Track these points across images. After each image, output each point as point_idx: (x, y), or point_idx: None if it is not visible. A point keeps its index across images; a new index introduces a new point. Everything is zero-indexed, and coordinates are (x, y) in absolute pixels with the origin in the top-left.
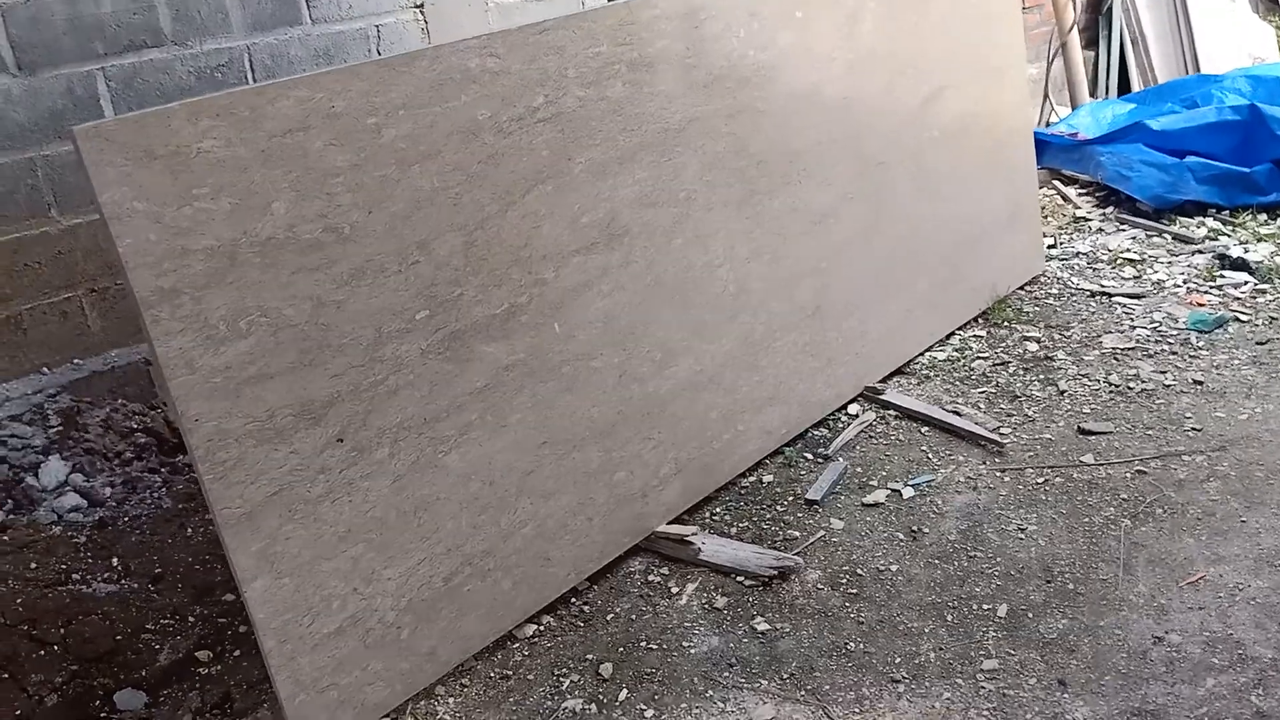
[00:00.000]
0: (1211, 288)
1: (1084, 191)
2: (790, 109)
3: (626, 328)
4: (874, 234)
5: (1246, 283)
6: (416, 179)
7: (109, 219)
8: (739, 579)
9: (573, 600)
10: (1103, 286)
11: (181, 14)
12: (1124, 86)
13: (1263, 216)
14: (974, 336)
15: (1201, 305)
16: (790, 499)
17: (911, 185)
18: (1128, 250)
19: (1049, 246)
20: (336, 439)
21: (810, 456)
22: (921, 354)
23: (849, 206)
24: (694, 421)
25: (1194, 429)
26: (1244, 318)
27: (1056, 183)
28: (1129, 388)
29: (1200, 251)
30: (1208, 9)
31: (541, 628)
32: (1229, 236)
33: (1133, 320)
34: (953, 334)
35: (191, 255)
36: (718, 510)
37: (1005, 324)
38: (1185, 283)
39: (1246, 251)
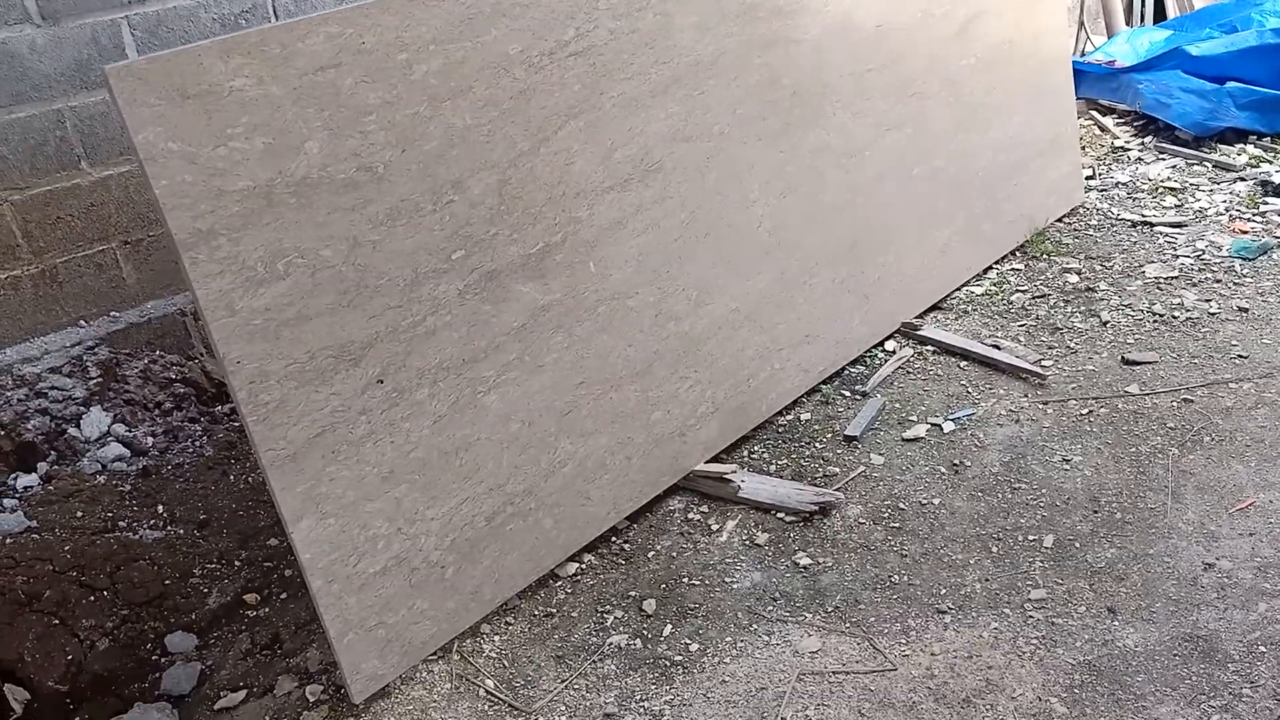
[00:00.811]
0: (1255, 215)
1: (1122, 121)
2: (824, 38)
3: (661, 265)
4: (910, 166)
5: None
6: (449, 116)
7: (145, 160)
8: (779, 515)
9: (613, 539)
10: (1144, 216)
11: None
12: (1160, 14)
13: None
14: (1012, 270)
15: (1245, 233)
16: (829, 436)
17: (948, 115)
18: (1168, 179)
19: (1088, 177)
20: (377, 380)
21: (848, 394)
22: (959, 289)
23: (885, 138)
24: (730, 360)
25: (1240, 356)
26: None
27: (1094, 112)
28: (1173, 317)
29: (1242, 179)
30: None
31: (583, 566)
32: (1271, 163)
33: (1175, 249)
34: (990, 268)
35: (228, 196)
36: (756, 448)
37: (1044, 256)
38: (1228, 210)
39: None
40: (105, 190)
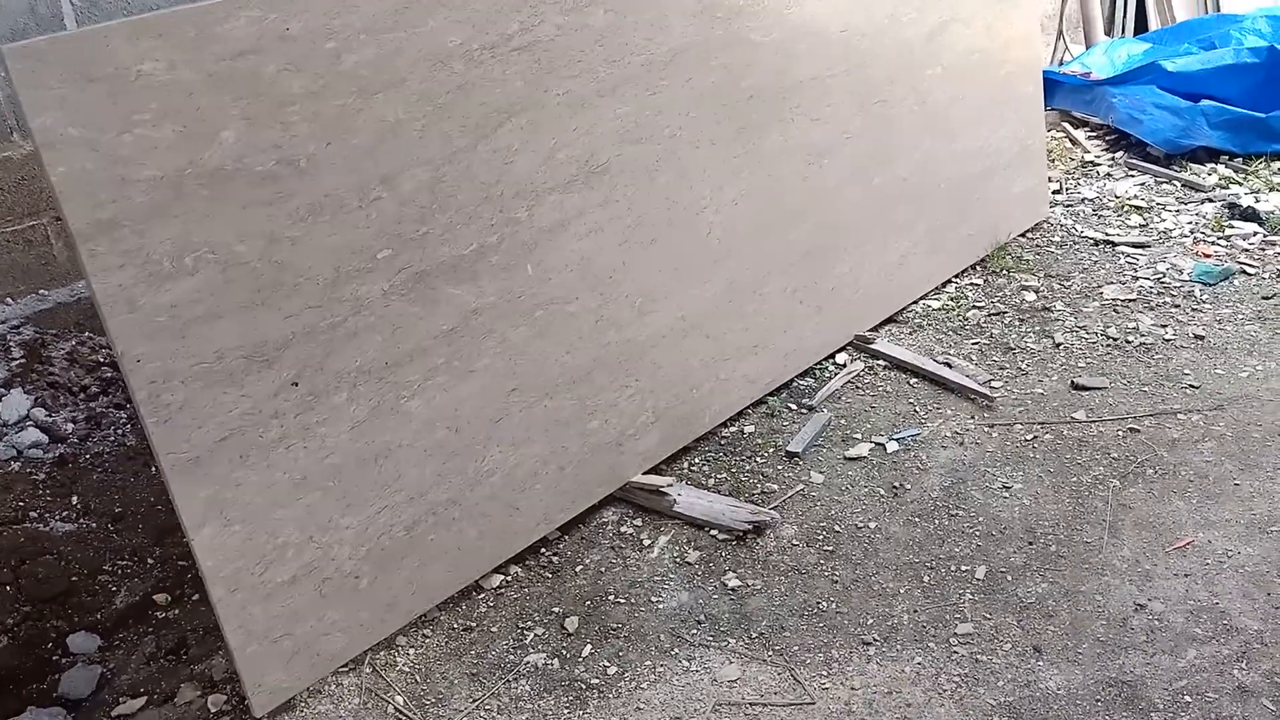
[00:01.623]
0: (1219, 238)
1: (1094, 135)
2: (787, 41)
3: (605, 270)
4: (872, 174)
5: (1256, 234)
6: (380, 109)
7: (41, 146)
8: (713, 533)
9: (542, 550)
10: (1107, 235)
11: None
12: (1141, 25)
13: (1277, 164)
14: (971, 284)
15: (1208, 256)
16: (771, 451)
17: (913, 123)
18: (1135, 197)
19: (1054, 192)
20: (291, 382)
21: (794, 407)
22: (916, 301)
23: (846, 145)
24: (674, 369)
25: (1191, 386)
26: (1251, 270)
27: (1066, 125)
28: (1127, 341)
29: (1210, 200)
30: None
31: (509, 578)
32: (1240, 184)
33: (1136, 270)
34: (949, 281)
35: (132, 186)
36: (696, 460)
37: (1004, 272)
38: (1193, 232)
39: (1258, 201)
40: (38, 163)
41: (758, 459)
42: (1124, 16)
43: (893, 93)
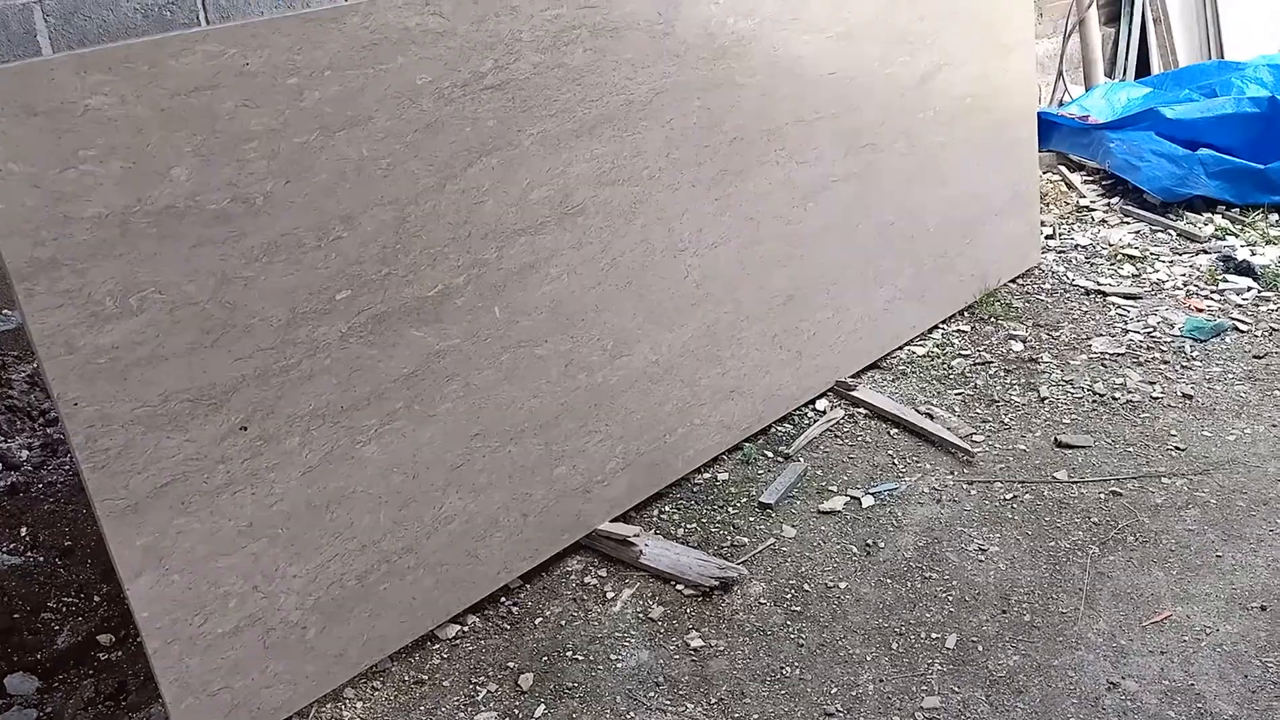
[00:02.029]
0: (1213, 292)
1: (1090, 179)
2: (772, 83)
3: (576, 313)
4: (859, 219)
5: (1250, 289)
6: (343, 147)
7: None
8: (679, 587)
9: (503, 599)
10: (1099, 284)
11: None
12: (1143, 67)
13: (1274, 217)
14: (957, 331)
15: (1200, 311)
16: (744, 500)
17: (901, 167)
18: (1129, 246)
19: (1047, 237)
20: (240, 427)
21: (771, 454)
22: (900, 348)
23: (832, 189)
24: (646, 414)
25: (1177, 448)
26: (1243, 327)
27: (1063, 168)
28: (1114, 398)
29: (1205, 251)
30: None
31: (465, 628)
32: (1237, 236)
33: (1126, 323)
34: (936, 327)
35: (75, 224)
36: (667, 509)
37: (992, 319)
38: (1186, 285)
39: (1254, 254)
40: None
41: (730, 509)
42: (1126, 58)
43: (881, 136)
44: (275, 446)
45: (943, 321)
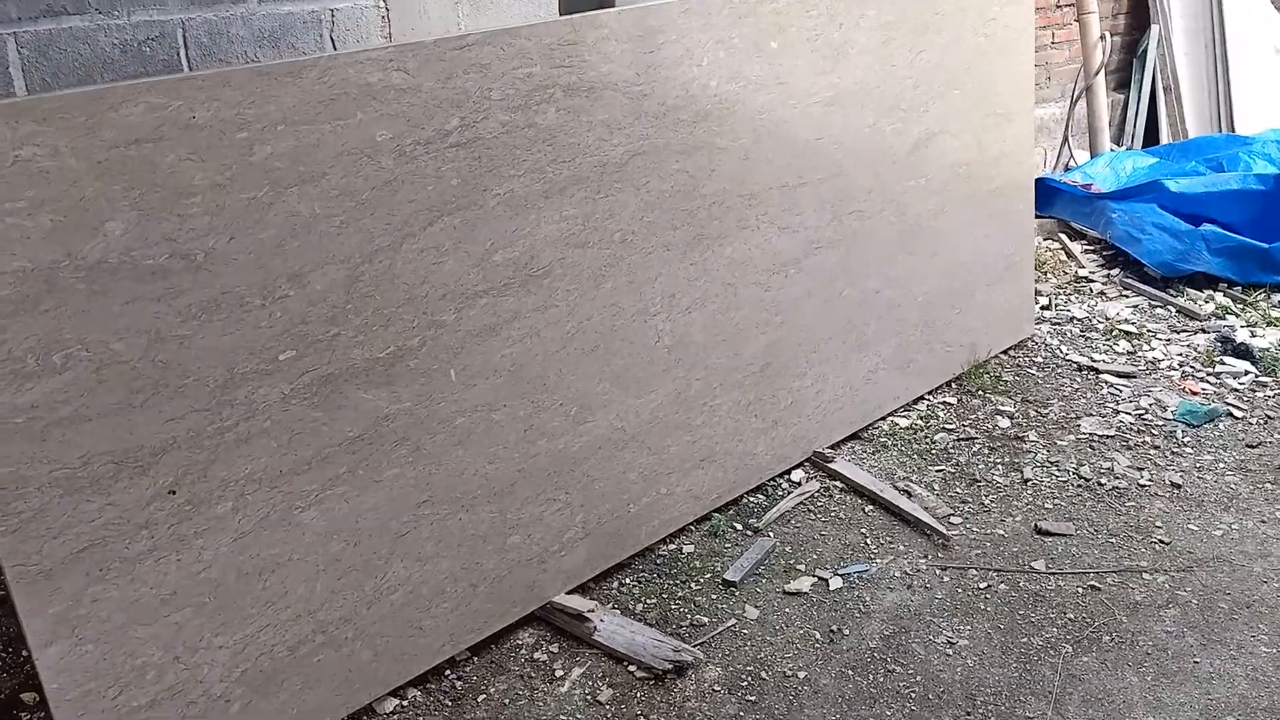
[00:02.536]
0: (1209, 374)
1: (1090, 248)
2: (756, 147)
3: (538, 377)
4: (842, 287)
5: (1247, 373)
6: (294, 204)
7: None
8: (631, 668)
9: (447, 672)
10: (1092, 360)
11: None
12: (1152, 135)
13: (1277, 297)
14: (943, 403)
15: (1195, 394)
16: (708, 576)
17: (890, 235)
18: (1126, 321)
19: (1043, 308)
20: (168, 490)
21: (740, 526)
22: (883, 418)
23: (815, 256)
24: (610, 482)
25: (1162, 541)
26: (1238, 413)
27: (1063, 235)
28: (1100, 483)
29: (1204, 330)
30: (1250, 63)
31: (405, 703)
32: (1237, 316)
33: (1118, 403)
34: (922, 398)
35: None
36: (627, 581)
37: (979, 392)
38: (1181, 365)
39: (1253, 336)
40: None
41: (692, 584)
42: (1135, 125)
43: (870, 203)
44: (205, 511)
45: (929, 392)
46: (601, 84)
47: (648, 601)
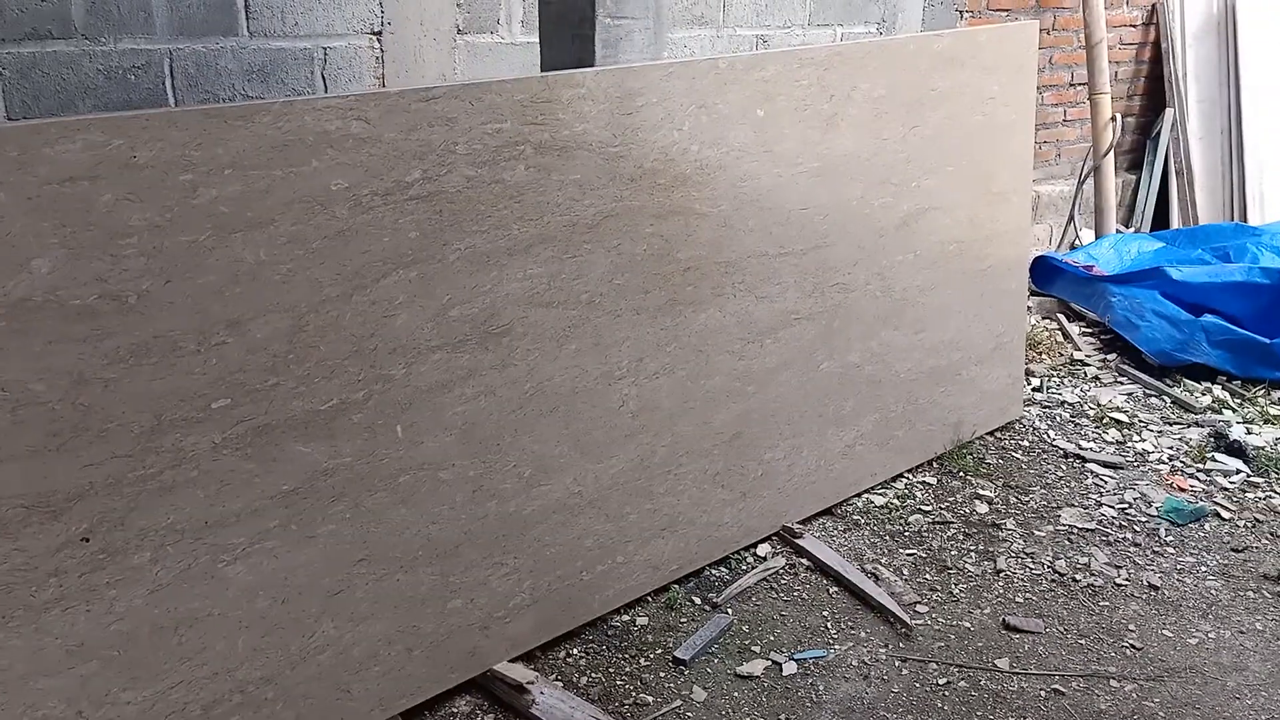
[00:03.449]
0: (1199, 470)
1: (1088, 330)
2: (736, 215)
3: (491, 437)
4: (821, 359)
5: (1239, 472)
6: (238, 249)
7: None
8: None
9: None
10: (1080, 448)
11: (97, 6)
12: (1162, 217)
13: (1276, 394)
14: (922, 483)
15: (1183, 490)
16: (659, 652)
17: (874, 310)
18: (1119, 409)
19: (1034, 389)
20: (81, 538)
21: (698, 600)
22: (859, 494)
23: (793, 328)
24: (563, 548)
25: (1133, 646)
26: (1226, 514)
27: (1062, 316)
28: (1075, 579)
29: (1198, 424)
30: (1266, 152)
31: None
32: (1234, 411)
33: (1102, 494)
34: (900, 476)
35: None
36: (575, 651)
37: (960, 474)
38: (1171, 459)
39: (1249, 433)
40: None
41: (641, 660)
42: (1145, 207)
43: (854, 277)
44: (121, 561)
45: (909, 470)
46: (575, 143)
47: (593, 675)
